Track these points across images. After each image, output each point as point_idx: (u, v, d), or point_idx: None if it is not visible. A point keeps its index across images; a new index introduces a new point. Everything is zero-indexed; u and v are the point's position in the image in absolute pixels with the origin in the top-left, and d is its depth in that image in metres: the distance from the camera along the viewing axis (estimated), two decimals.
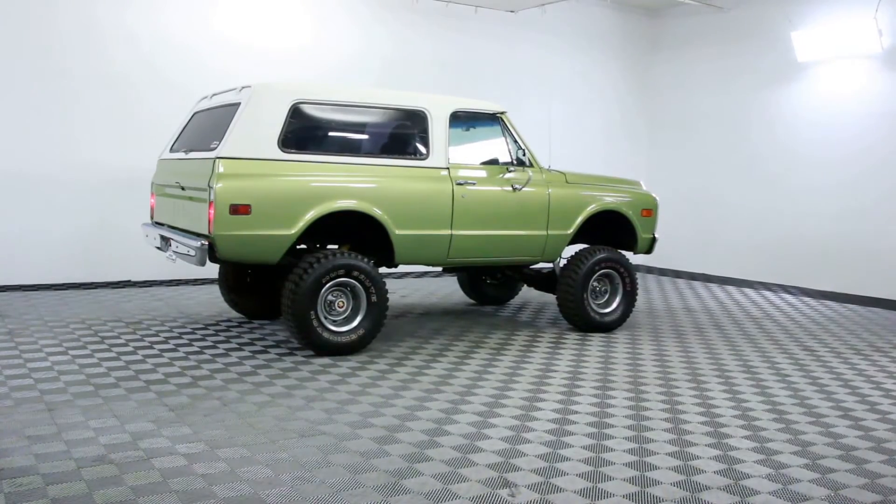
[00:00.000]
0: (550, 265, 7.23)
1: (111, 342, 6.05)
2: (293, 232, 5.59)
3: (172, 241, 5.89)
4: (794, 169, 10.14)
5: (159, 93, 8.62)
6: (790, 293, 10.04)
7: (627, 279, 7.07)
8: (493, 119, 6.64)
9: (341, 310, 5.85)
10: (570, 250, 7.25)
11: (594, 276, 6.93)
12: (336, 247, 6.39)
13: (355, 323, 5.86)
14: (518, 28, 10.85)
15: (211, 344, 6.12)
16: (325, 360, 5.69)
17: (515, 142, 6.66)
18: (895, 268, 9.12)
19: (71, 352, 5.71)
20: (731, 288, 10.50)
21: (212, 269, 9.02)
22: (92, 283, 8.53)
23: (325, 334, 5.70)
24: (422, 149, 6.25)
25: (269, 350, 5.98)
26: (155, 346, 6.00)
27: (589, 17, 11.54)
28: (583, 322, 6.96)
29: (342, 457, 3.79)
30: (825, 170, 9.82)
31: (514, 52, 10.85)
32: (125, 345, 5.99)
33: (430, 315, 7.70)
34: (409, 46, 10.08)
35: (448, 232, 6.24)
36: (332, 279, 5.67)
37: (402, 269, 8.68)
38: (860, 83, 9.45)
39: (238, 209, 5.39)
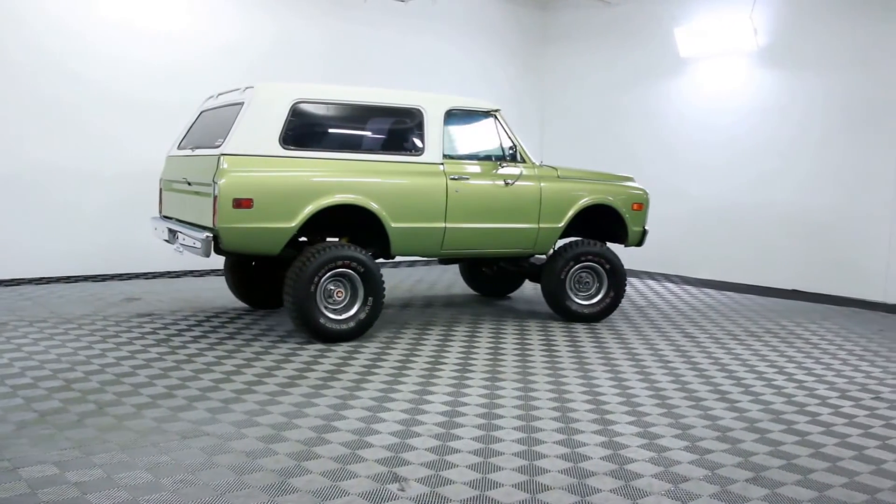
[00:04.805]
0: (544, 257, 7.40)
1: None
2: (293, 225, 5.85)
3: (179, 234, 6.11)
4: (675, 162, 10.51)
5: (42, 76, 8.28)
6: (672, 282, 10.42)
7: (612, 273, 7.23)
8: (486, 116, 6.89)
9: (340, 299, 6.08)
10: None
11: (576, 269, 7.15)
12: (336, 239, 6.58)
13: (353, 311, 6.12)
14: (409, 18, 10.79)
15: (85, 344, 5.81)
16: (209, 359, 5.51)
17: (508, 138, 6.88)
18: (766, 256, 9.61)
19: None
20: None
21: (87, 265, 8.64)
22: None
23: (325, 322, 5.96)
24: (417, 145, 6.50)
25: (148, 349, 5.73)
26: (23, 347, 5.65)
27: (481, 9, 11.62)
28: (563, 313, 7.25)
29: (227, 457, 3.66)
30: (704, 163, 10.23)
31: (405, 42, 10.79)
32: None
33: None
34: (293, 34, 9.86)
35: (442, 225, 6.49)
36: (330, 269, 5.92)
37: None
38: (739, 80, 9.88)
39: (241, 203, 5.64)
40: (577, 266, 7.16)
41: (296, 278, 5.82)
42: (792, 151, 9.37)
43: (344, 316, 6.10)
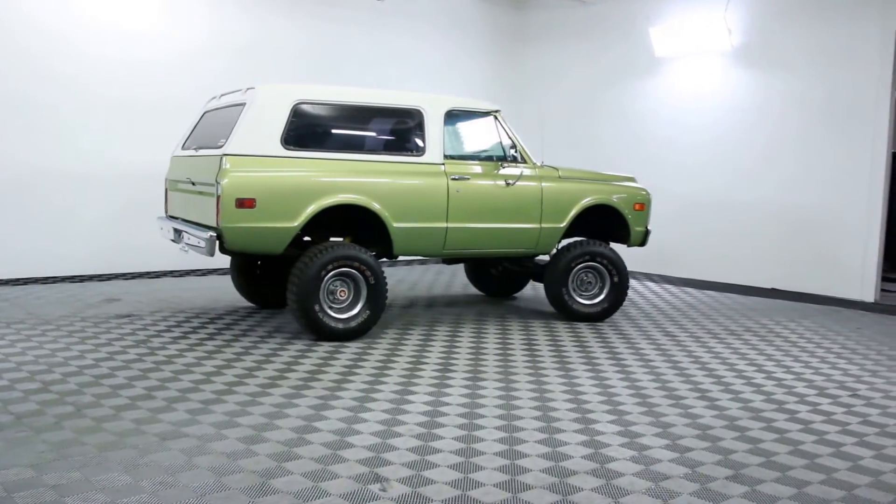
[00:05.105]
0: (548, 257, 7.47)
1: None
2: (295, 224, 5.92)
3: (184, 234, 6.20)
4: (653, 161, 10.55)
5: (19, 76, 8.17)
6: (653, 281, 10.46)
7: (614, 272, 7.27)
8: (486, 117, 6.94)
9: (343, 298, 6.15)
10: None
11: (578, 269, 7.22)
12: (340, 239, 6.66)
13: (356, 310, 6.18)
14: (386, 16, 10.78)
15: (63, 346, 5.76)
16: (189, 360, 5.47)
17: (509, 138, 6.95)
18: (746, 255, 9.67)
19: None
20: None
21: (62, 267, 8.57)
22: None
23: (328, 321, 6.04)
24: (418, 145, 6.57)
25: (127, 350, 5.68)
26: None
27: (458, 8, 11.63)
28: (565, 312, 7.30)
29: (207, 459, 3.64)
30: (682, 162, 10.29)
31: (381, 40, 10.77)
32: None
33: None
34: (267, 31, 9.81)
35: (443, 225, 6.56)
36: (333, 269, 5.99)
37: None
38: (714, 79, 9.94)
39: (243, 203, 5.72)
40: (579, 266, 7.22)
41: (300, 276, 5.89)
42: (769, 151, 9.44)
43: (346, 315, 6.15)
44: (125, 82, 8.79)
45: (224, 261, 9.48)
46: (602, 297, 7.33)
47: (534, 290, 9.13)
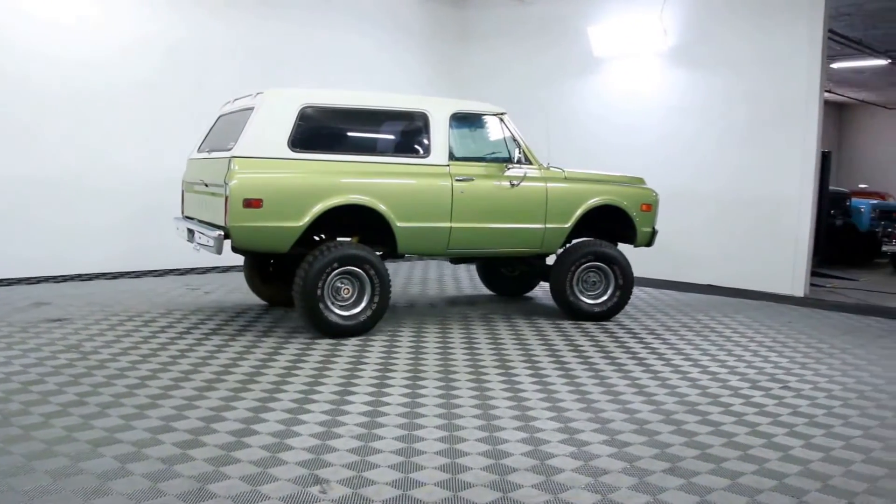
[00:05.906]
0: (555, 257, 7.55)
1: None
2: (301, 224, 6.10)
3: (196, 233, 6.38)
4: (592, 159, 10.66)
5: None
6: None
7: (619, 272, 7.34)
8: (492, 120, 7.11)
9: (347, 296, 6.28)
10: None
11: (583, 268, 7.30)
12: (348, 238, 6.76)
13: (360, 308, 6.33)
14: (326, 13, 10.72)
15: None
16: (122, 364, 5.33)
17: (514, 140, 7.05)
18: (686, 252, 9.87)
19: None
20: None
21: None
22: None
23: (332, 318, 6.21)
24: (423, 147, 6.70)
25: (57, 356, 5.52)
26: None
27: (400, 6, 11.63)
28: (569, 311, 7.41)
29: (141, 465, 3.55)
30: (617, 162, 10.42)
31: (322, 38, 10.70)
32: None
33: (229, 310, 7.43)
34: (201, 29, 9.66)
35: (447, 224, 6.69)
36: (337, 267, 6.14)
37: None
38: (651, 79, 10.13)
39: (251, 203, 5.90)
40: (584, 266, 7.31)
41: (305, 275, 6.03)
42: (705, 151, 9.66)
43: (351, 312, 6.29)
44: (60, 77, 8.56)
45: (163, 262, 9.33)
46: (607, 296, 7.41)
47: (535, 293, 9.17)
